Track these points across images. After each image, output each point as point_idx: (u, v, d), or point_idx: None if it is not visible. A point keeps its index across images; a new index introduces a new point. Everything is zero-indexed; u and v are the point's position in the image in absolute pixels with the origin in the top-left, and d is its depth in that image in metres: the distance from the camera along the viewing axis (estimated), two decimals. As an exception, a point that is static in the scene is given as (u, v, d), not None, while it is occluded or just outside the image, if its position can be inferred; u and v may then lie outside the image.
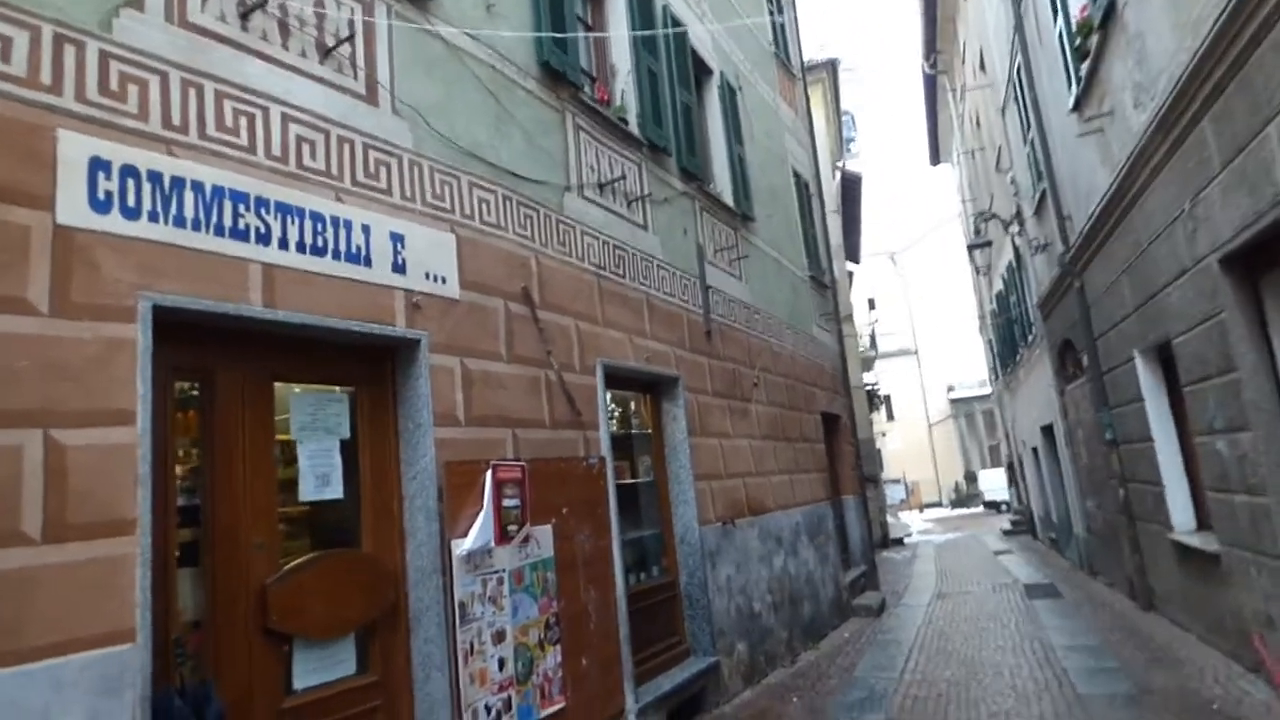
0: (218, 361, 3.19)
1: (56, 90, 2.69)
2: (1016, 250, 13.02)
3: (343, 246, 3.52)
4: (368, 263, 3.63)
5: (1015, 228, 12.19)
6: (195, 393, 3.16)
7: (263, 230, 3.21)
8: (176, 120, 3.01)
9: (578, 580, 4.49)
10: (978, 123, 15.99)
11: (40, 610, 2.40)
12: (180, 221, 2.94)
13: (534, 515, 4.16)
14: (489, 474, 3.89)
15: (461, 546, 3.66)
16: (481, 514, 3.79)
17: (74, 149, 2.69)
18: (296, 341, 3.44)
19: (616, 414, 5.96)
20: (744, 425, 7.41)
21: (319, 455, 3.52)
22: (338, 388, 3.68)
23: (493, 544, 3.83)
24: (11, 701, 2.29)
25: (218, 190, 3.08)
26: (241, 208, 3.15)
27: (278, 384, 3.42)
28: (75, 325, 2.61)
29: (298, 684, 3.23)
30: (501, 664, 3.81)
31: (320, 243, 3.43)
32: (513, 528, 3.98)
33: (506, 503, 3.97)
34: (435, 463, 3.72)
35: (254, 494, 3.20)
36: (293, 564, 3.25)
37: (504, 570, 3.94)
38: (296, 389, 3.52)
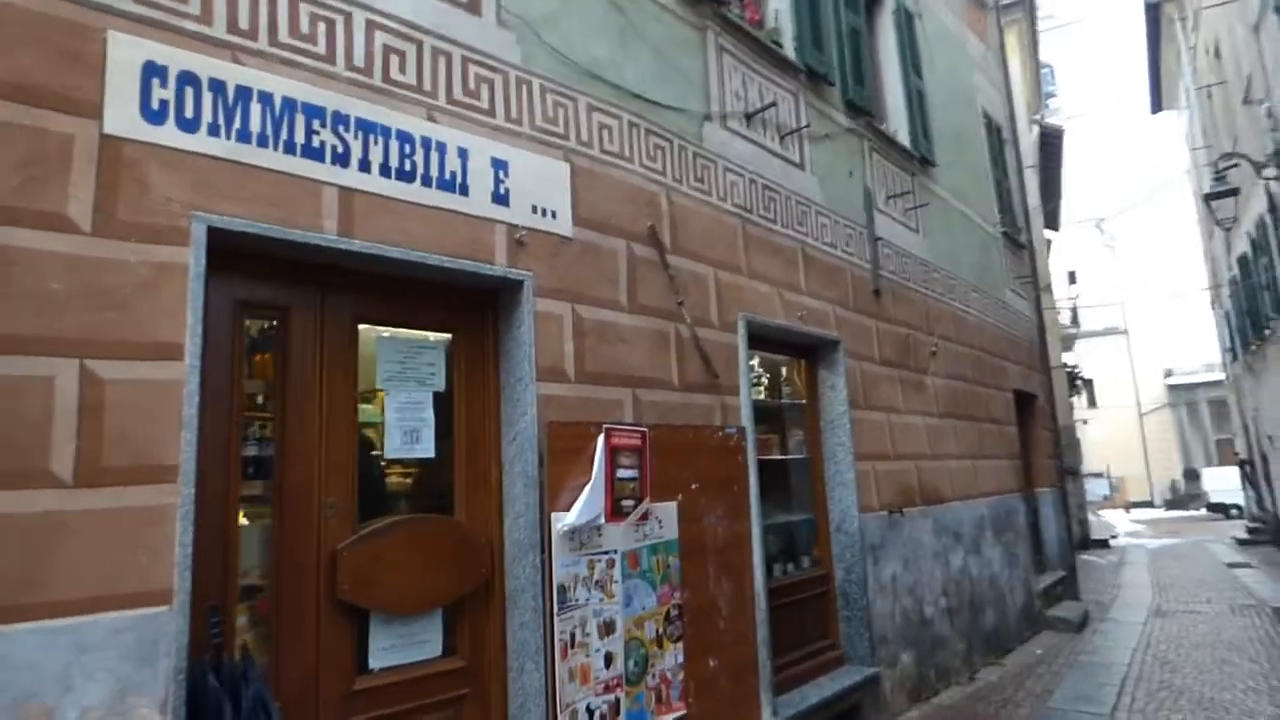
0: (293, 298, 2.85)
1: (108, -15, 2.40)
2: (1271, 199, 10.67)
3: (434, 172, 3.08)
4: (464, 191, 3.16)
5: (1271, 170, 9.93)
6: (270, 332, 2.84)
7: (340, 150, 2.82)
8: (244, 24, 2.66)
9: (707, 568, 3.85)
10: (1217, 52, 13.40)
11: (67, 561, 2.12)
12: (245, 136, 2.60)
13: (655, 490, 3.57)
14: (601, 439, 3.34)
15: (563, 521, 3.14)
16: (590, 485, 3.24)
17: (126, 52, 2.39)
18: (382, 280, 3.05)
19: (762, 380, 5.23)
20: (918, 400, 6.39)
21: (408, 409, 3.12)
22: (431, 334, 3.27)
23: (603, 520, 3.29)
24: (28, 663, 2.03)
25: (288, 103, 2.71)
26: (316, 123, 2.77)
27: (363, 327, 3.04)
28: (120, 246, 2.32)
29: (374, 663, 2.86)
30: (608, 660, 3.27)
31: (408, 167, 3.00)
32: (628, 503, 3.41)
33: (621, 473, 3.40)
34: (536, 423, 3.22)
35: (331, 448, 2.85)
36: (370, 528, 2.87)
37: (616, 552, 3.38)
38: (385, 333, 3.13)
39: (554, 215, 3.49)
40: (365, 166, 2.88)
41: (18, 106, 2.20)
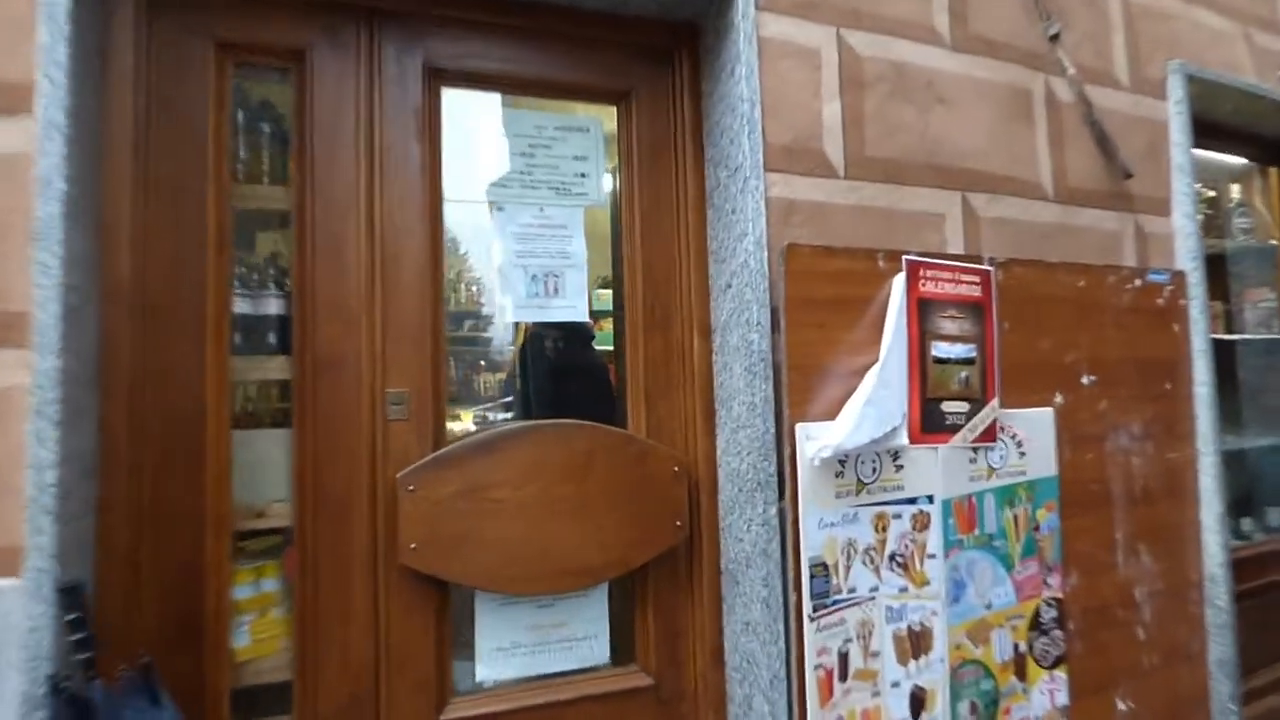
0: (310, 37, 1.60)
1: None
2: None
3: None
4: None
5: None
6: (273, 97, 1.65)
7: None
8: None
9: (1112, 532, 2.05)
10: None
11: None
12: None
13: (1010, 384, 1.85)
14: (898, 283, 1.70)
15: (819, 442, 1.59)
16: (875, 369, 1.64)
17: None
18: (478, 4, 1.68)
19: (1203, 196, 3.02)
20: None
21: (539, 236, 1.77)
22: (579, 109, 1.85)
23: (903, 439, 1.68)
24: None
25: None
26: None
27: (450, 92, 1.72)
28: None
29: (481, 675, 1.64)
30: (918, 702, 1.70)
31: None
32: (954, 407, 1.75)
33: (940, 350, 1.74)
34: (765, 248, 1.67)
35: (392, 302, 1.61)
36: (459, 444, 1.60)
37: (931, 500, 1.75)
38: (491, 103, 1.78)
39: None
40: None
41: None
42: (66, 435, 1.24)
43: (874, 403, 1.61)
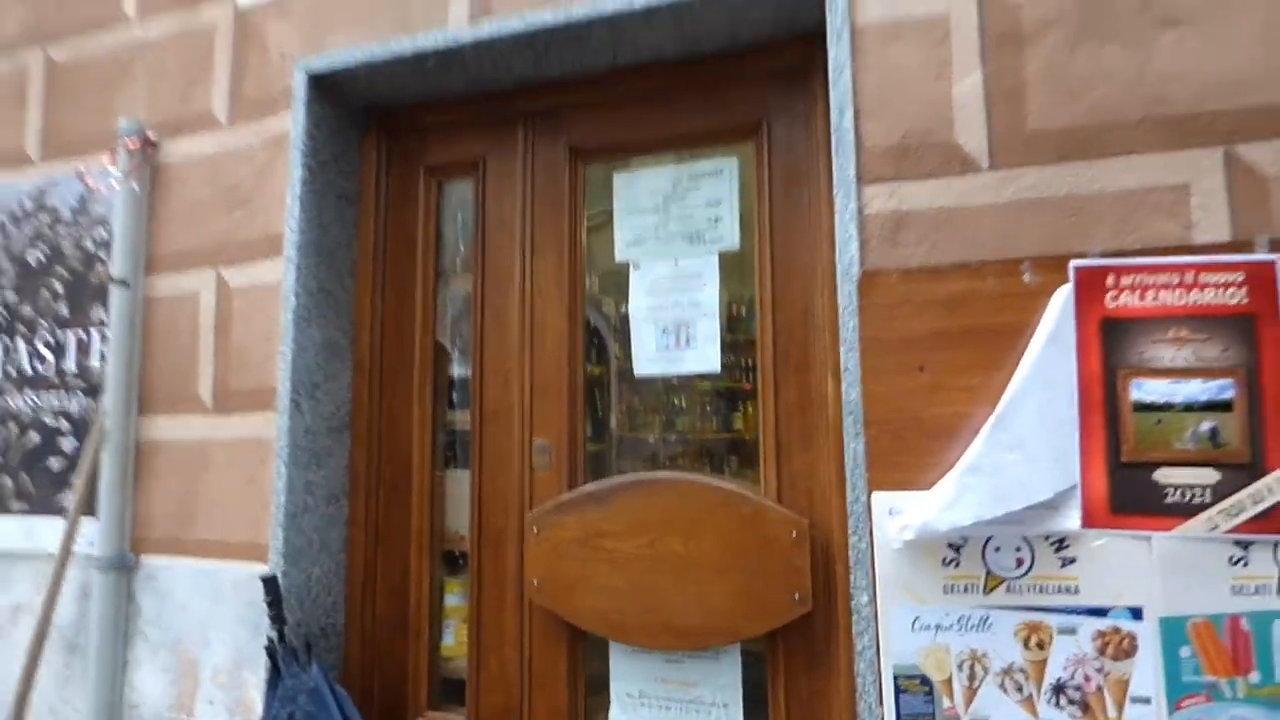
0: (484, 147, 1.96)
1: None
2: None
3: None
4: None
5: None
6: (461, 200, 2.03)
7: (473, -110, 1.78)
8: None
9: None
10: None
11: (209, 495, 1.88)
12: (358, -63, 1.88)
13: (1338, 444, 1.12)
14: (1055, 301, 1.22)
15: (905, 520, 1.23)
16: (987, 428, 1.21)
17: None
18: (609, 79, 1.83)
19: None
20: None
21: (671, 288, 1.79)
22: (714, 151, 1.80)
23: (1073, 522, 1.18)
24: (182, 603, 1.86)
25: None
26: None
27: (592, 165, 1.89)
28: (246, 130, 1.95)
29: (613, 714, 1.70)
30: None
31: None
32: (1189, 478, 1.15)
33: (1151, 392, 1.17)
34: (851, 278, 1.38)
35: (539, 358, 1.84)
36: (578, 492, 1.72)
37: (1134, 616, 1.17)
38: (629, 165, 1.87)
39: None
40: (510, -104, 1.74)
41: (180, 13, 2.08)
42: (306, 471, 1.79)
43: (983, 471, 1.19)
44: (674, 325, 1.77)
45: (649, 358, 1.78)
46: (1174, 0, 1.29)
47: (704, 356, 1.74)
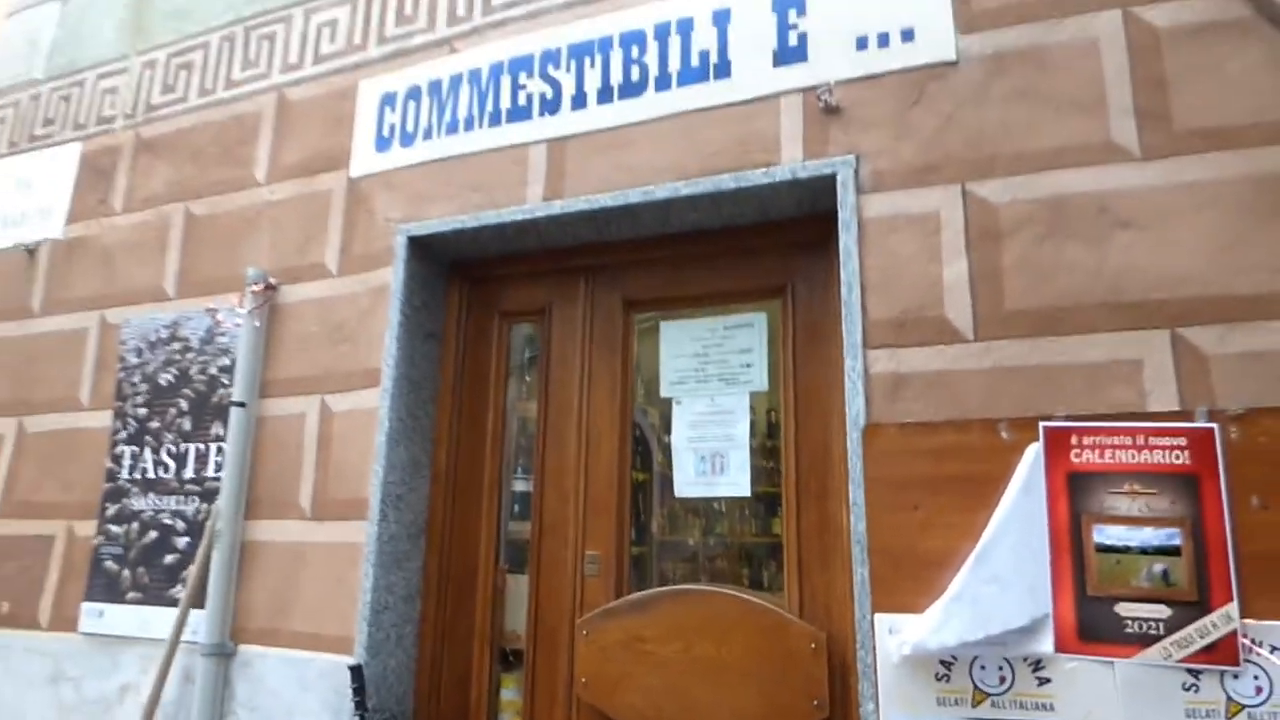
0: (551, 296, 2.30)
1: (363, 45, 2.54)
2: None
3: (675, 65, 2.06)
4: (722, 72, 2.01)
5: None
6: (533, 339, 2.37)
7: (549, 95, 2.19)
8: (461, 10, 2.41)
9: None
10: None
11: (303, 592, 2.15)
12: (453, 126, 2.31)
13: (1271, 586, 1.34)
14: (1028, 456, 1.48)
15: (902, 638, 1.46)
16: (970, 561, 1.44)
17: (369, 94, 2.47)
18: (651, 244, 2.18)
19: None
20: None
21: (708, 422, 2.07)
22: (743, 306, 2.12)
23: (1045, 646, 1.40)
24: (273, 689, 2.10)
25: (495, 69, 2.29)
26: (523, 75, 2.24)
27: (644, 316, 2.21)
28: (352, 280, 2.33)
29: (644, 810, 1.89)
30: None
31: (635, 77, 2.10)
32: (1145, 612, 1.37)
33: (1109, 536, 1.40)
34: (858, 427, 1.66)
35: (593, 481, 2.12)
36: (623, 600, 1.96)
37: (1110, 730, 1.37)
38: (674, 316, 2.19)
39: (909, 35, 1.84)
40: (580, 101, 2.15)
41: (302, 180, 2.51)
42: (389, 572, 2.07)
43: (965, 599, 1.42)
44: (710, 454, 2.05)
45: (689, 481, 2.05)
46: (1128, 206, 1.59)
47: (735, 483, 2.01)
